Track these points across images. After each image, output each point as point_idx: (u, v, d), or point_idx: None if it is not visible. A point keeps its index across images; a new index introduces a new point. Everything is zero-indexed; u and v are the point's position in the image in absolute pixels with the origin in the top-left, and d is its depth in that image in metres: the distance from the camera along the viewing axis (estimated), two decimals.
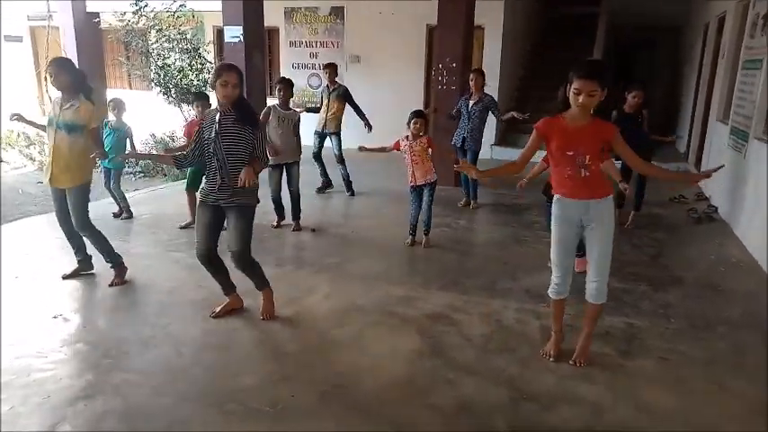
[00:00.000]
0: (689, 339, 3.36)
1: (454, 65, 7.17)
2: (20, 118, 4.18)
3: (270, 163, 4.98)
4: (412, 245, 4.99)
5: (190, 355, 3.11)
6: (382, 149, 4.98)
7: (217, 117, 3.23)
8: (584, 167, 2.78)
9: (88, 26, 8.51)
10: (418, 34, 10.07)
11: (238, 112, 3.22)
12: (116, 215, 5.72)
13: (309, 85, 10.92)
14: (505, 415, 2.60)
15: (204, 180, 3.39)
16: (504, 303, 3.80)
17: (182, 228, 5.36)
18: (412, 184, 4.93)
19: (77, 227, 3.94)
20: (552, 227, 2.99)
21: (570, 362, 3.01)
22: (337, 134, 6.74)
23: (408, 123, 4.81)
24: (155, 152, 9.79)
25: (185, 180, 5.53)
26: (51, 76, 3.75)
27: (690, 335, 3.42)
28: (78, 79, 3.82)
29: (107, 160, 5.58)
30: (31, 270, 4.27)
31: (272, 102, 5.50)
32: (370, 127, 6.71)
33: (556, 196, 2.95)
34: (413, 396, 2.74)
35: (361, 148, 4.94)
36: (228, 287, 3.57)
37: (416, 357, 3.11)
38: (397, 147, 4.92)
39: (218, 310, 3.56)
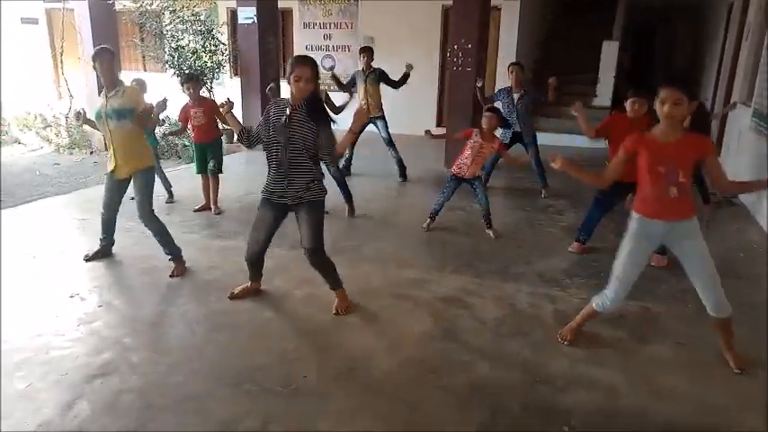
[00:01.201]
0: (706, 324, 3.29)
1: (469, 46, 7.06)
2: (84, 119, 3.89)
3: None
4: (428, 230, 4.96)
5: (204, 334, 3.14)
6: (450, 137, 4.85)
7: (287, 111, 3.10)
8: (675, 185, 2.64)
9: (102, 8, 8.49)
10: (433, 15, 9.93)
11: (309, 108, 3.08)
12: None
13: (323, 67, 10.84)
14: (519, 397, 2.59)
15: (268, 176, 3.23)
16: (518, 287, 3.77)
17: (195, 211, 5.39)
18: (459, 174, 4.82)
19: (141, 214, 3.88)
20: (627, 241, 2.84)
21: (736, 370, 2.84)
22: (382, 117, 6.67)
23: (482, 116, 4.70)
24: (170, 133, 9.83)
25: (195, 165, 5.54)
26: (102, 65, 3.70)
27: (707, 320, 3.34)
28: (118, 69, 3.84)
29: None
30: (47, 250, 4.33)
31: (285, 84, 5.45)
32: (407, 76, 6.59)
33: (636, 214, 2.81)
34: (426, 378, 2.75)
35: (427, 133, 4.80)
36: (258, 276, 3.59)
37: (430, 340, 3.11)
38: (467, 135, 4.77)
39: (236, 291, 3.57)
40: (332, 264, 3.40)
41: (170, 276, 3.89)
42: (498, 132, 6.16)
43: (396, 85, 6.68)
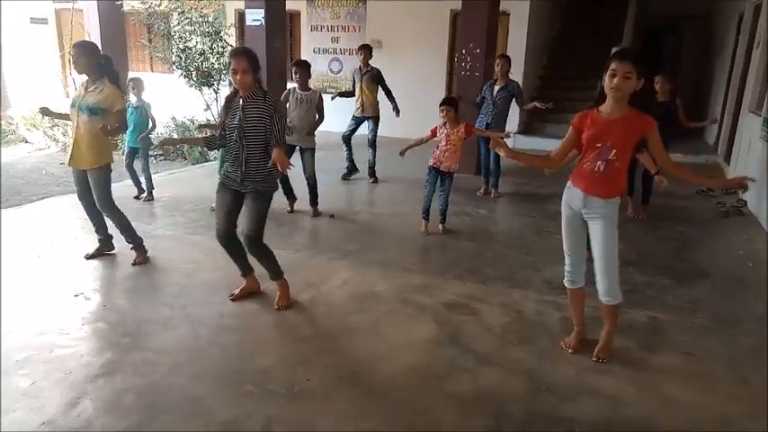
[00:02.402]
0: (714, 335, 3.28)
1: (478, 51, 7.05)
2: (46, 111, 4.14)
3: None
4: (426, 231, 4.94)
5: (207, 336, 3.12)
6: (421, 142, 4.95)
7: (240, 103, 3.21)
8: (604, 161, 2.68)
9: (111, 8, 8.54)
10: (442, 19, 9.94)
11: (260, 100, 3.20)
12: (136, 197, 5.75)
13: (330, 70, 10.86)
14: (523, 405, 2.56)
15: (226, 164, 3.38)
16: (524, 294, 3.74)
17: (213, 210, 5.35)
18: (435, 165, 4.88)
19: (100, 206, 3.97)
20: (563, 216, 2.94)
21: (593, 358, 2.93)
22: (375, 118, 6.70)
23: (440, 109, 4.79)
24: (176, 135, 9.86)
25: (217, 165, 5.54)
26: (73, 59, 3.77)
27: (715, 330, 3.33)
28: (102, 63, 3.83)
29: (134, 139, 5.65)
30: (53, 249, 4.33)
31: (291, 86, 5.48)
32: (398, 111, 6.70)
33: (568, 182, 2.91)
34: (430, 383, 2.72)
35: (403, 153, 4.95)
36: (246, 269, 3.58)
37: (434, 345, 3.09)
38: (433, 133, 4.86)
39: (236, 292, 3.56)
40: (271, 253, 3.46)
41: (133, 264, 4.01)
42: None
43: (388, 93, 6.72)
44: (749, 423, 2.50)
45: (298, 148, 5.30)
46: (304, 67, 5.32)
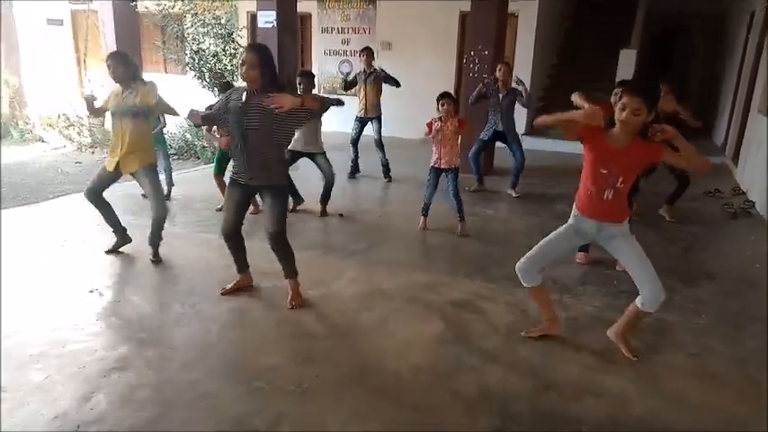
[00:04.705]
0: (720, 336, 3.28)
1: (486, 52, 7.07)
2: (93, 108, 4.11)
3: (290, 148, 5.02)
4: (424, 228, 4.99)
5: (218, 332, 3.18)
6: (428, 138, 4.95)
7: (243, 96, 3.22)
8: (610, 189, 2.71)
9: (126, 10, 8.69)
10: (450, 21, 9.96)
11: (267, 92, 3.15)
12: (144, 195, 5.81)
13: (340, 72, 10.89)
14: (529, 403, 2.59)
15: (232, 160, 3.44)
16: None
17: (218, 210, 5.44)
18: (435, 165, 4.93)
19: (157, 206, 4.11)
20: (560, 228, 2.96)
21: (632, 358, 2.96)
22: (378, 118, 6.78)
23: (437, 104, 4.84)
24: (189, 136, 9.98)
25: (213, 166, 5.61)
26: (110, 69, 3.91)
27: (721, 331, 3.34)
28: (133, 70, 3.99)
29: None
30: (68, 246, 4.42)
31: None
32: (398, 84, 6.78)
33: (574, 207, 2.91)
34: (436, 381, 2.76)
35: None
36: (243, 266, 3.68)
37: (440, 343, 3.12)
38: (430, 126, 4.88)
39: (228, 287, 3.65)
40: (291, 250, 3.50)
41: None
42: (484, 134, 6.26)
43: (395, 83, 6.75)
44: (756, 424, 2.51)
45: (306, 154, 5.36)
46: (309, 78, 5.35)
